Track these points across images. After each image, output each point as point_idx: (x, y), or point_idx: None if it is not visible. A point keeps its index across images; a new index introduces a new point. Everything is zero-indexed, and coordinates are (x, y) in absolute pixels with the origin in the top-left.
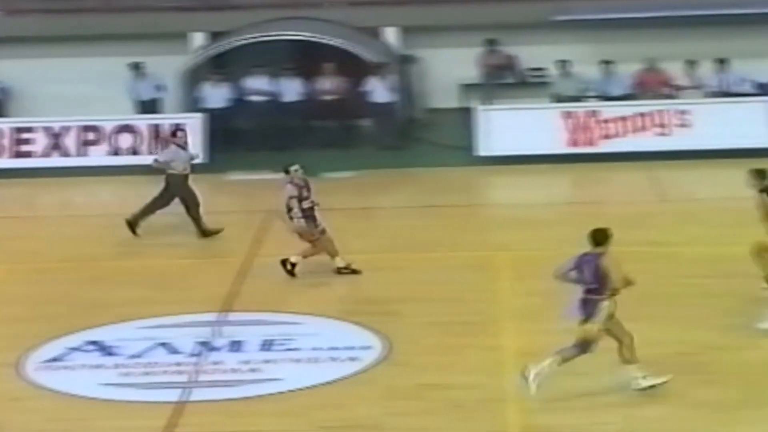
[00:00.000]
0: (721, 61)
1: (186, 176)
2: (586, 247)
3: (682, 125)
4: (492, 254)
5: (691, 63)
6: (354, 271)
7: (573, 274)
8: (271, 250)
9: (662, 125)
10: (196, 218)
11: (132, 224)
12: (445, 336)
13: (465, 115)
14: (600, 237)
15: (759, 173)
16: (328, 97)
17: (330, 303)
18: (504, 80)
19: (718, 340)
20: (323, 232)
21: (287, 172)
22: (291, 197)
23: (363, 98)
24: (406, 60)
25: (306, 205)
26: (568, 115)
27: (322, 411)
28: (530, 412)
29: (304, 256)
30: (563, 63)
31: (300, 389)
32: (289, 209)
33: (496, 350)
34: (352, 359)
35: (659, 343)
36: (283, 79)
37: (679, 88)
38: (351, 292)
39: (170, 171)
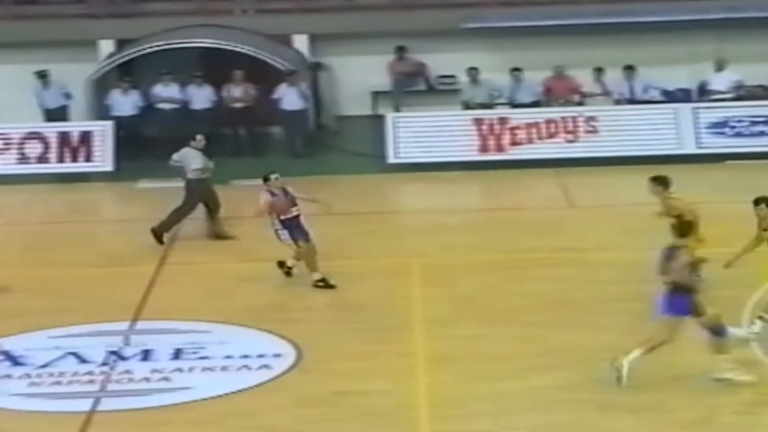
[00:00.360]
0: (629, 69)
1: (204, 180)
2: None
3: (591, 132)
4: (403, 261)
5: (599, 70)
6: (329, 286)
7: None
8: (181, 257)
9: (571, 132)
10: (214, 220)
11: (158, 234)
12: (356, 343)
13: (376, 122)
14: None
15: (660, 180)
16: (237, 105)
17: (241, 311)
18: (414, 87)
19: (628, 344)
20: (307, 240)
21: (266, 180)
22: (266, 205)
23: (273, 106)
24: (316, 67)
25: (287, 215)
26: (478, 122)
27: (234, 419)
28: (441, 419)
29: (298, 259)
30: (473, 70)
31: (211, 398)
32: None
33: (407, 356)
34: (263, 367)
35: (569, 348)
36: (193, 87)
37: (587, 95)
38: (262, 299)
39: (189, 176)
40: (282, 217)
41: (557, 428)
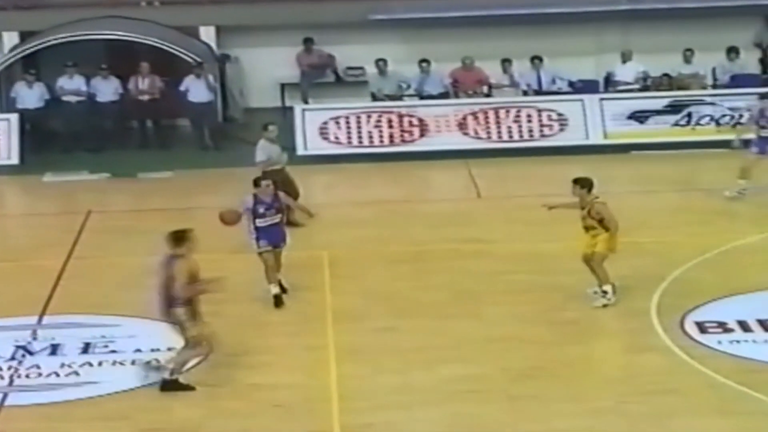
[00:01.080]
0: (536, 60)
1: (275, 171)
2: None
3: (499, 123)
4: (312, 253)
5: (507, 62)
6: (278, 302)
7: None
8: (88, 251)
9: (479, 123)
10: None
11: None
12: (266, 336)
13: (284, 114)
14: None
15: (583, 182)
16: (144, 97)
17: (150, 304)
18: (323, 79)
19: (538, 335)
20: (275, 247)
21: (257, 184)
22: (246, 209)
23: (180, 98)
24: (223, 59)
25: (261, 223)
26: (386, 113)
27: (143, 414)
28: (352, 411)
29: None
30: (381, 62)
31: (121, 392)
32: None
33: (318, 349)
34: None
35: (479, 339)
36: (99, 79)
37: (495, 86)
38: None
39: (270, 168)
40: (259, 224)
41: (467, 419)
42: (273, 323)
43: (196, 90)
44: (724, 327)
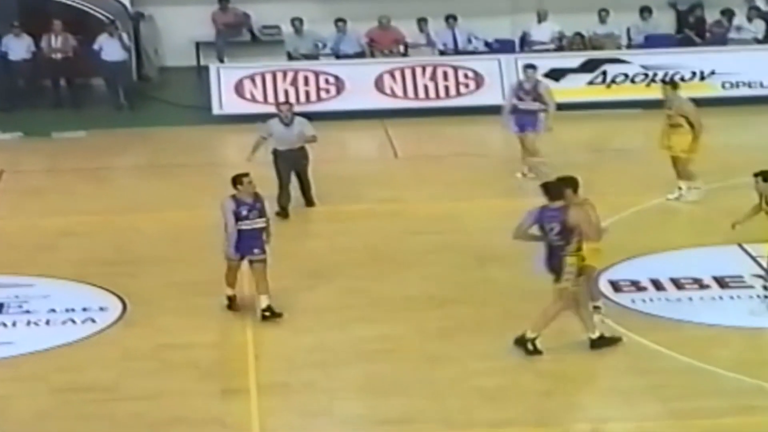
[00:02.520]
0: (452, 19)
1: (291, 150)
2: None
3: (415, 82)
4: None
5: (423, 21)
6: (231, 307)
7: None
8: (1, 212)
9: (395, 83)
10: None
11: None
12: (183, 296)
13: (200, 73)
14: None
15: (570, 182)
16: (57, 56)
17: (64, 264)
18: (238, 38)
19: (453, 295)
20: (259, 260)
21: (239, 182)
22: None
23: (94, 57)
24: (137, 17)
25: (244, 226)
26: (302, 71)
27: (58, 374)
28: (269, 371)
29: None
30: (297, 21)
31: (35, 352)
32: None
33: (234, 309)
34: (88, 320)
35: (395, 299)
36: (10, 37)
37: (411, 46)
38: (85, 253)
39: (274, 147)
40: (240, 227)
41: (383, 378)
42: (188, 283)
43: (110, 48)
44: (637, 286)
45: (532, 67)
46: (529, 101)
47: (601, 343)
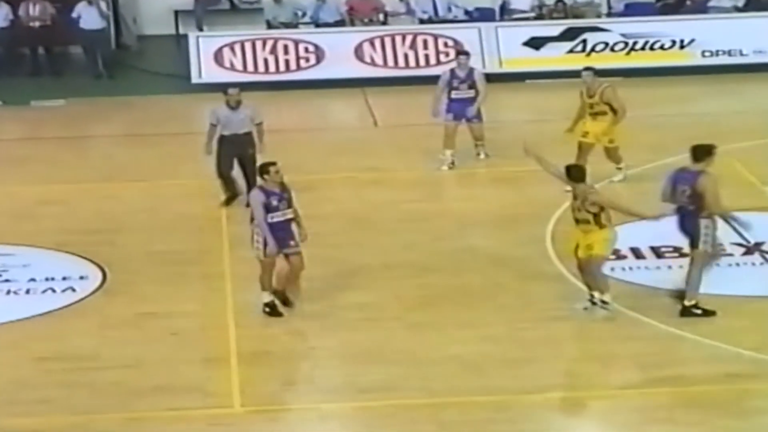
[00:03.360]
0: None
1: (236, 135)
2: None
3: (395, 51)
4: (208, 183)
5: None
6: (276, 313)
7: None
8: None
9: (375, 51)
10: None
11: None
12: (162, 265)
13: (179, 42)
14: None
15: (578, 170)
16: (35, 24)
17: (44, 233)
18: (217, 6)
19: (433, 263)
20: (282, 249)
21: (265, 172)
22: (261, 206)
23: (72, 25)
24: None
25: (276, 218)
26: (282, 40)
27: (38, 343)
28: (249, 339)
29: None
30: None
31: (15, 321)
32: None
33: (214, 278)
34: (68, 289)
35: (375, 267)
36: None
37: (391, 14)
38: (65, 222)
39: (220, 133)
40: (271, 220)
41: (364, 347)
42: (168, 252)
43: (89, 17)
44: (617, 254)
45: (465, 53)
46: (464, 89)
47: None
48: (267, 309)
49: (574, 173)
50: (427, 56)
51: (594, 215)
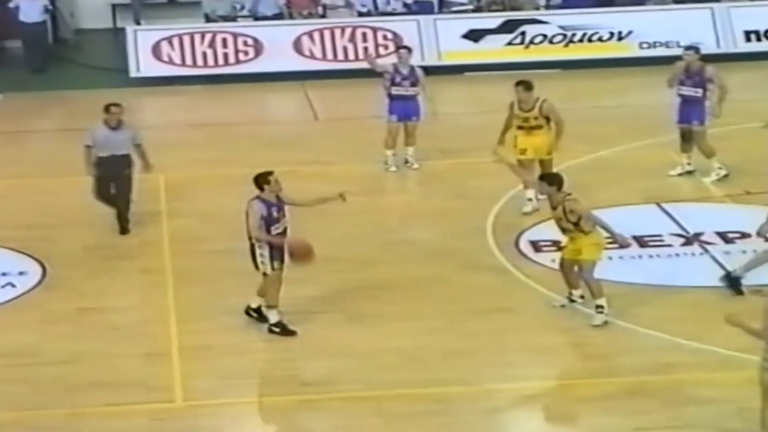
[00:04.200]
0: None
1: (113, 156)
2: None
3: (334, 44)
4: (149, 177)
5: None
6: (288, 332)
7: None
8: None
9: (314, 44)
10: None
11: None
12: (102, 259)
13: (117, 35)
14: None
15: (553, 179)
16: None
17: None
18: (155, 0)
19: (374, 255)
20: (282, 263)
21: (265, 182)
22: (261, 219)
23: (11, 17)
24: None
25: (277, 230)
26: (220, 33)
27: None
28: (191, 334)
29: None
30: None
31: None
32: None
33: (154, 272)
34: (7, 285)
35: (319, 260)
36: None
37: (329, 7)
38: (3, 217)
39: (97, 154)
40: (275, 232)
41: (306, 340)
42: (108, 246)
43: (28, 9)
44: (558, 246)
45: (406, 48)
46: (407, 86)
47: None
48: (277, 329)
49: (549, 181)
50: (366, 49)
51: (574, 223)
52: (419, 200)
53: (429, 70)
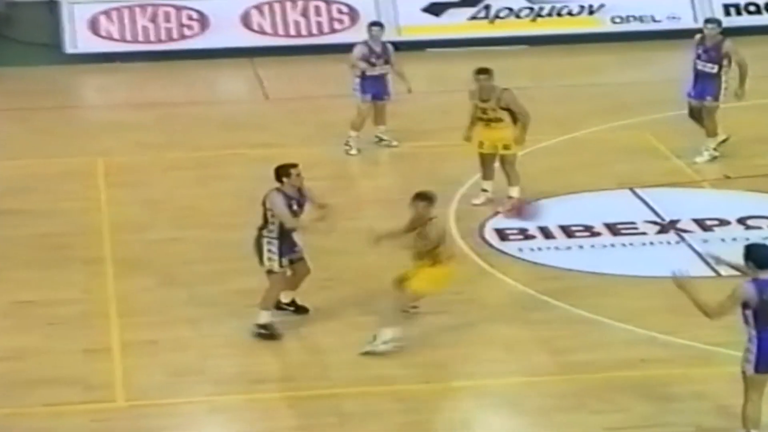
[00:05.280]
0: None
1: None
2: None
3: (285, 18)
4: (88, 161)
5: None
6: (273, 336)
7: None
8: None
9: (264, 18)
10: None
11: None
12: (39, 249)
13: (50, 9)
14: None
15: (425, 197)
16: None
17: None
18: None
19: (330, 243)
20: (291, 261)
21: (285, 174)
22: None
23: None
24: None
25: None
26: (162, 8)
27: None
28: (134, 327)
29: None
30: None
31: None
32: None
33: (95, 263)
34: None
35: None
36: None
37: None
38: None
39: None
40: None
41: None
42: (45, 235)
43: None
44: (525, 234)
45: (379, 25)
46: (381, 64)
47: None
48: (263, 331)
49: (419, 197)
50: (319, 24)
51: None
52: (379, 185)
53: None
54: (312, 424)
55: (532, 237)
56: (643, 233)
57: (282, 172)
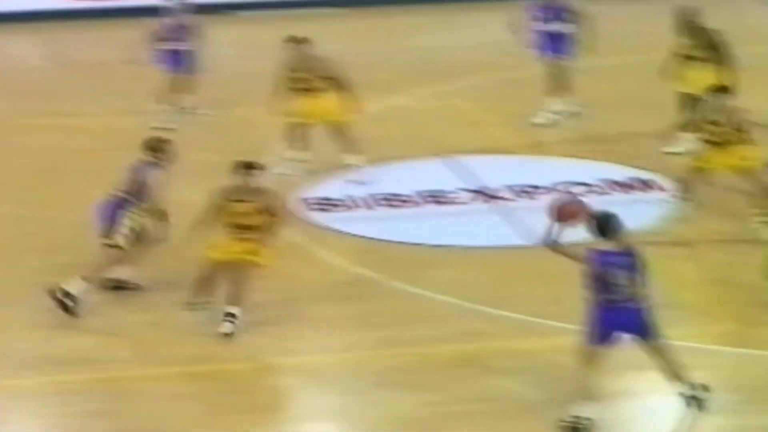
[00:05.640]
0: None
1: None
2: None
3: None
4: None
5: None
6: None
7: None
8: None
9: None
10: None
11: None
12: None
13: None
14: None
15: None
16: None
17: None
18: None
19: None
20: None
21: (161, 149)
22: None
23: None
24: None
25: None
26: None
27: None
28: None
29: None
30: None
31: None
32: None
33: None
34: None
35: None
36: None
37: None
38: None
39: None
40: None
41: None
42: None
43: None
44: (337, 204)
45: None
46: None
47: None
48: (66, 300)
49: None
50: None
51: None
52: (184, 157)
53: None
54: (120, 408)
55: (348, 208)
56: (462, 203)
57: (158, 146)
